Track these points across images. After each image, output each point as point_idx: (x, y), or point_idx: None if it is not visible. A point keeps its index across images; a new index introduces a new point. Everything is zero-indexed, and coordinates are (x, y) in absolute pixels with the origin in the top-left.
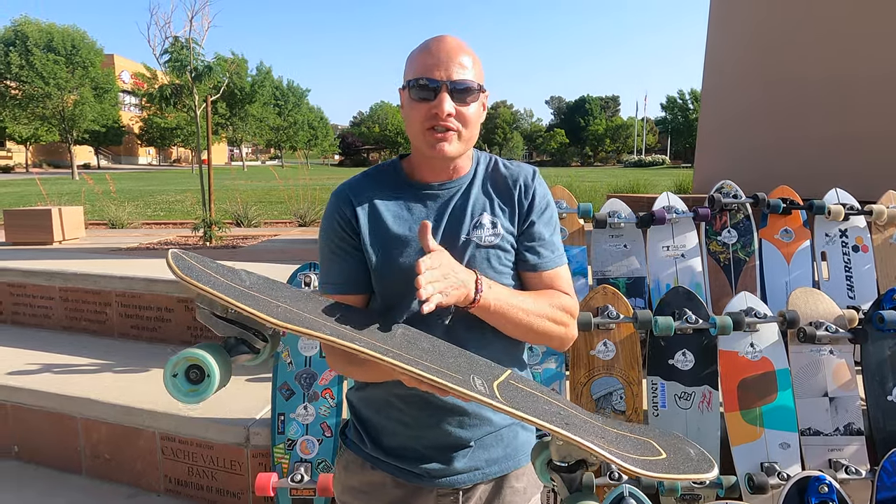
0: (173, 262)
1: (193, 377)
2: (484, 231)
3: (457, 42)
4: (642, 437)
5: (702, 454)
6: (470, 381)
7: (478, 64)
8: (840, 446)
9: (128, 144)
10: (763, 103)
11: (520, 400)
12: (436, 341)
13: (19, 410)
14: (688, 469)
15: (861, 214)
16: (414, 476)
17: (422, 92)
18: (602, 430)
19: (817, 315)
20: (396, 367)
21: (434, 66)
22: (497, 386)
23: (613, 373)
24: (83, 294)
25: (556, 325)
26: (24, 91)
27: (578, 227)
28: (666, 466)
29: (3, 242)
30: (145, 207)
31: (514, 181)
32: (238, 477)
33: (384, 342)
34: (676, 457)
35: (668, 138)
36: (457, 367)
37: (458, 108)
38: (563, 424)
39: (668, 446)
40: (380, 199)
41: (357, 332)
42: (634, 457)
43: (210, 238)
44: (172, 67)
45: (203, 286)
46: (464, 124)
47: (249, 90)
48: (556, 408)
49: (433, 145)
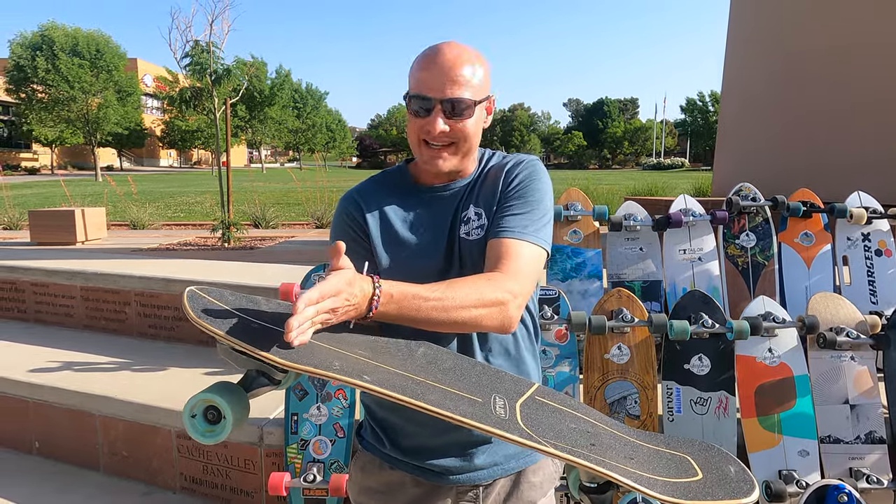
0: (188, 304)
1: (211, 417)
2: (470, 226)
3: (456, 53)
4: (678, 453)
5: (742, 472)
6: (490, 403)
7: (479, 72)
8: (861, 455)
9: (150, 147)
10: (784, 105)
11: (543, 420)
12: (459, 359)
13: (41, 407)
14: (725, 494)
15: (884, 218)
16: (434, 475)
17: (416, 108)
18: (634, 446)
19: (838, 320)
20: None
21: (429, 81)
22: (521, 405)
23: (628, 377)
24: (103, 293)
25: (486, 308)
26: (50, 94)
27: (594, 230)
28: (701, 491)
29: (29, 242)
30: (166, 209)
31: (502, 168)
32: (252, 476)
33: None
34: (713, 477)
35: (687, 141)
36: (479, 387)
37: (453, 124)
38: (588, 446)
39: (706, 464)
40: (387, 203)
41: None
42: (665, 480)
43: (228, 239)
44: (193, 71)
45: (215, 330)
46: (461, 139)
47: (269, 93)
48: (584, 425)
49: (427, 160)
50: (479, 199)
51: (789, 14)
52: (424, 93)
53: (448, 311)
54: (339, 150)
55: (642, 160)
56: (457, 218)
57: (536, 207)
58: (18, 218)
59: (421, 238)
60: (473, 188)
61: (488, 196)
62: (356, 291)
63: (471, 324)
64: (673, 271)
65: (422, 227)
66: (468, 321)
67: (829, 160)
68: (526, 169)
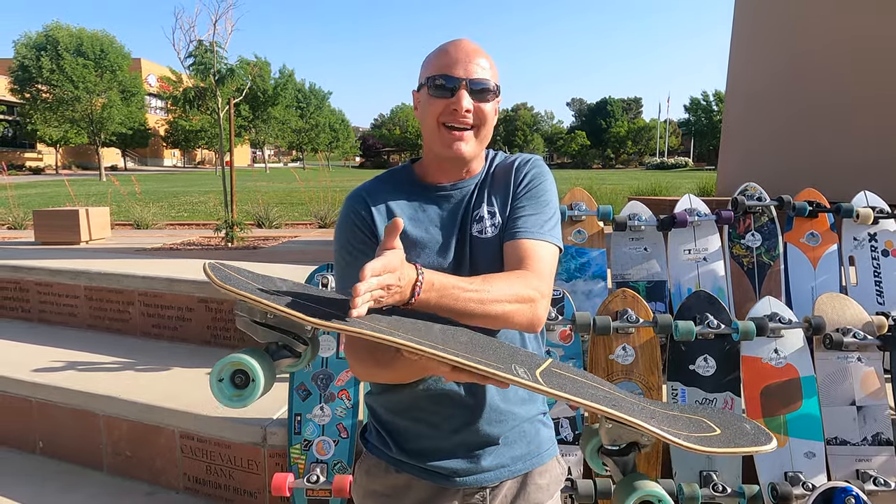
0: (211, 272)
1: (239, 382)
2: (484, 224)
3: (474, 45)
4: (695, 416)
5: (758, 428)
6: (512, 370)
7: (494, 67)
8: (868, 456)
9: (153, 147)
10: (790, 103)
11: (565, 384)
12: (474, 335)
13: (45, 406)
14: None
15: (891, 218)
16: (440, 477)
17: (440, 90)
18: (652, 411)
19: (844, 321)
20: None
21: (453, 64)
22: (540, 374)
23: (632, 377)
24: (107, 293)
25: (519, 304)
26: (54, 94)
27: (598, 230)
28: (723, 441)
29: (33, 242)
30: (169, 208)
31: (511, 167)
32: (255, 476)
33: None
34: (732, 432)
35: (691, 140)
36: (497, 357)
37: (477, 104)
38: (610, 405)
39: (722, 423)
40: (395, 202)
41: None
42: (688, 433)
43: (232, 239)
44: (196, 70)
45: (243, 292)
46: (481, 122)
47: (272, 93)
48: (603, 392)
49: (449, 144)
50: (491, 198)
51: (793, 13)
52: (450, 72)
53: (484, 304)
54: (342, 150)
55: (646, 160)
56: (468, 216)
57: (548, 206)
58: (23, 217)
59: (431, 236)
60: (483, 187)
61: (500, 194)
62: (405, 274)
63: (503, 318)
64: (678, 271)
65: (431, 225)
66: (500, 316)
67: (833, 160)
68: (535, 167)
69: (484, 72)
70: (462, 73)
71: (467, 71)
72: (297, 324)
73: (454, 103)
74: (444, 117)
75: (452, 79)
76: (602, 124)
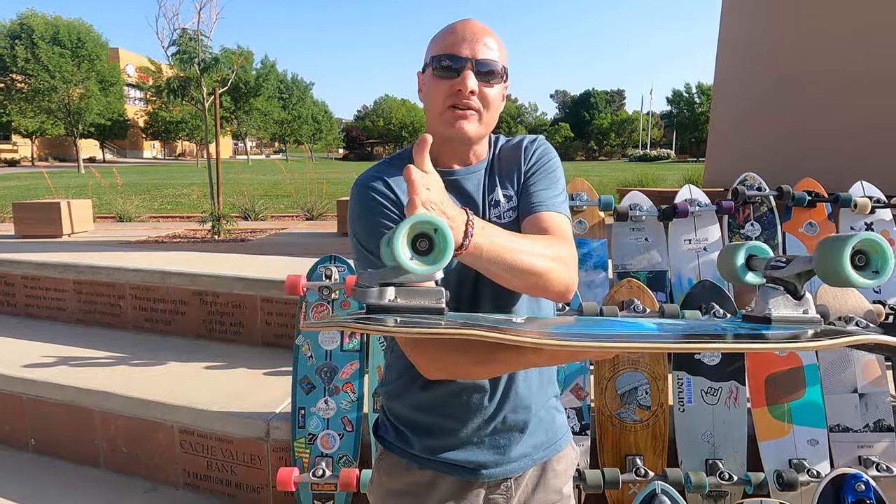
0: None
1: (421, 248)
2: (501, 208)
3: (482, 25)
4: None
5: None
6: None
7: (503, 49)
8: (870, 443)
9: (133, 138)
10: (780, 92)
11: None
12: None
13: (36, 403)
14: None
15: (888, 208)
16: (467, 471)
17: (445, 70)
18: None
19: (846, 309)
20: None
21: (459, 44)
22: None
23: (639, 368)
24: (97, 287)
25: (557, 263)
26: (29, 84)
27: (599, 220)
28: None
29: (14, 235)
30: (152, 201)
31: (519, 147)
32: (258, 471)
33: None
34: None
35: (673, 132)
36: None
37: (482, 87)
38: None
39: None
40: None
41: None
42: None
43: (218, 231)
44: (180, 59)
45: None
46: (485, 105)
47: (254, 84)
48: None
49: (452, 123)
50: (504, 181)
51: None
52: (456, 52)
53: (531, 256)
54: (325, 142)
55: (629, 152)
56: (484, 201)
57: (559, 181)
58: (0, 210)
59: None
60: (492, 171)
61: (512, 176)
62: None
63: (545, 276)
64: (678, 261)
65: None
66: (543, 273)
67: (827, 150)
68: (542, 145)
69: (491, 52)
70: (468, 52)
71: (473, 51)
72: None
73: (458, 83)
74: (448, 97)
75: (458, 58)
76: (585, 116)
